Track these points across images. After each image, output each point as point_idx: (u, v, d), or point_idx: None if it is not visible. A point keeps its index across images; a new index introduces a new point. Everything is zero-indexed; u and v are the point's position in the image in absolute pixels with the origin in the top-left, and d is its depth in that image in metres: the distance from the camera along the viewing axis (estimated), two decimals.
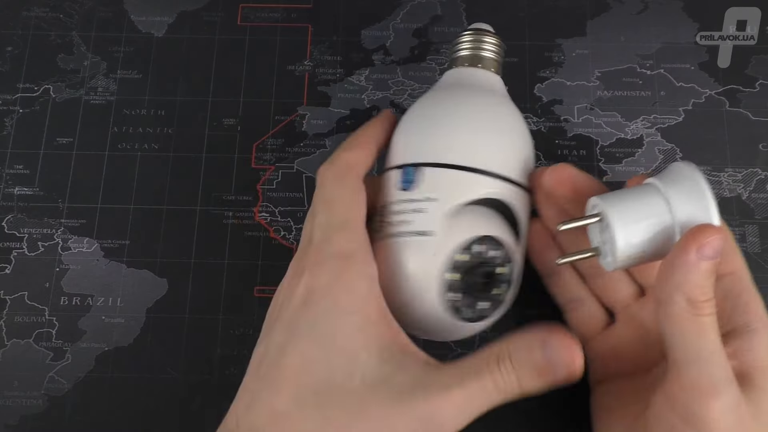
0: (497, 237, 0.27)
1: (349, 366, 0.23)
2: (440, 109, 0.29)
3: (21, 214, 0.38)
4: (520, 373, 0.24)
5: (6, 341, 0.36)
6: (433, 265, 0.26)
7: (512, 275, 0.28)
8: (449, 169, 0.27)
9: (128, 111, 0.40)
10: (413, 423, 0.22)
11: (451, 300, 0.27)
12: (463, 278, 0.27)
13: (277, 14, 0.42)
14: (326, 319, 0.23)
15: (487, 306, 0.27)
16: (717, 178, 0.38)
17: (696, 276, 0.24)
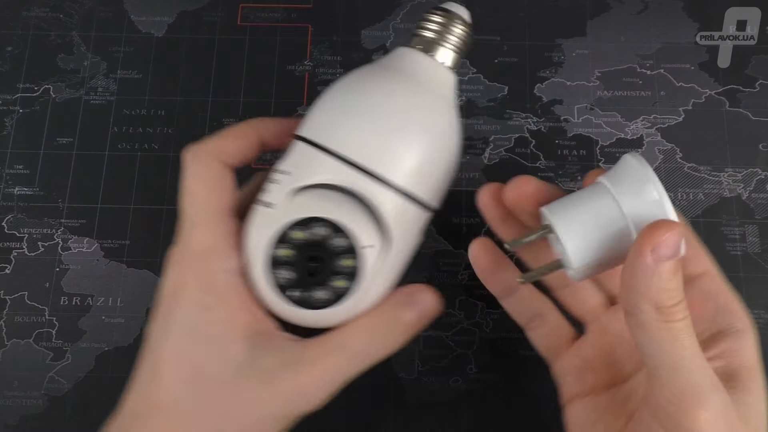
0: (341, 224, 0.25)
1: (220, 356, 0.24)
2: (352, 88, 0.27)
3: (21, 214, 0.38)
4: (386, 335, 0.25)
5: (6, 341, 0.36)
6: (265, 235, 0.25)
7: (359, 271, 0.25)
8: (313, 147, 0.26)
9: (128, 111, 0.40)
10: (283, 400, 0.23)
11: (279, 277, 0.25)
12: (297, 257, 0.25)
13: (277, 14, 0.42)
14: (193, 315, 0.24)
15: (325, 296, 0.25)
16: (717, 178, 0.38)
17: (658, 280, 0.22)
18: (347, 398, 0.35)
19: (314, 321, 0.26)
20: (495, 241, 0.30)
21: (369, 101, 0.26)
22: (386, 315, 0.26)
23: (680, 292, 0.23)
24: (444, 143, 0.27)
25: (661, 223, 0.22)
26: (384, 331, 0.25)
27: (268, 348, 0.25)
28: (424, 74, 0.28)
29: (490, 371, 0.35)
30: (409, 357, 0.35)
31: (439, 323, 0.36)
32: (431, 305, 0.26)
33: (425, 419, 0.34)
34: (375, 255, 0.26)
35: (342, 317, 0.26)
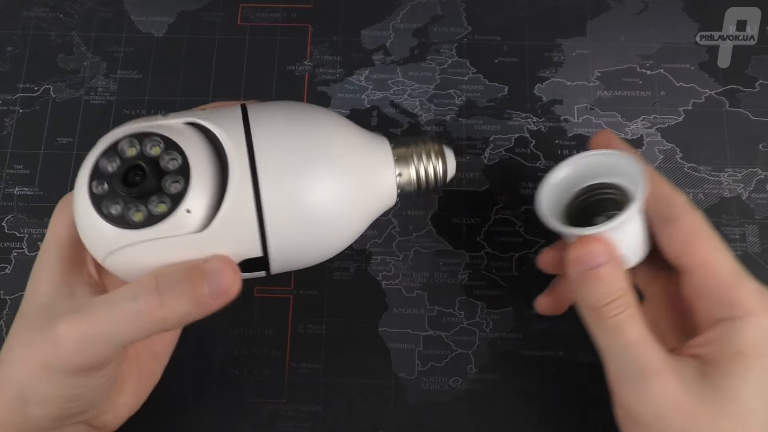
0: (177, 143, 0.24)
1: (32, 296, 0.27)
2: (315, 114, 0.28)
3: (21, 214, 0.38)
4: (166, 293, 0.24)
5: None
6: (100, 145, 0.25)
7: (182, 197, 0.24)
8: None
9: (128, 111, 0.40)
10: (48, 346, 0.24)
11: (96, 188, 0.24)
12: (119, 170, 0.24)
13: (277, 14, 0.42)
14: (36, 260, 0.28)
15: (141, 217, 0.24)
16: (717, 178, 0.38)
17: (586, 288, 0.27)
18: (347, 398, 0.35)
19: (126, 241, 0.24)
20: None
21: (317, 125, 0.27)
22: (171, 272, 0.24)
23: (613, 292, 0.26)
24: (330, 214, 0.27)
25: (584, 240, 0.27)
26: (172, 293, 0.24)
27: (73, 295, 0.26)
28: (374, 165, 0.28)
29: (490, 371, 0.35)
30: (409, 357, 0.35)
31: (439, 323, 0.36)
32: (226, 285, 0.24)
33: (425, 419, 0.34)
34: (204, 194, 0.24)
35: (152, 246, 0.24)
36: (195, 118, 0.26)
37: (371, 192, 0.28)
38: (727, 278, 0.27)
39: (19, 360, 0.25)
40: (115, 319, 0.24)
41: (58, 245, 0.27)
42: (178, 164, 0.24)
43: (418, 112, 0.40)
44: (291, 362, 0.35)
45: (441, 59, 0.41)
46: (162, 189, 0.24)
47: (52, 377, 0.25)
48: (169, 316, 0.24)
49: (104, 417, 0.29)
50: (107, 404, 0.28)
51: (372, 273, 0.37)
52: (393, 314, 0.36)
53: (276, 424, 0.34)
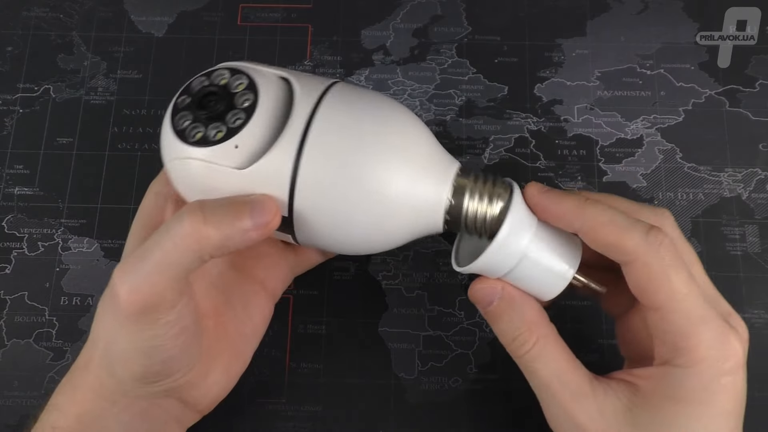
0: (241, 68, 0.27)
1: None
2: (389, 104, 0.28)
3: (21, 214, 0.38)
4: (210, 214, 0.25)
5: (6, 341, 0.36)
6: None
7: (255, 105, 0.26)
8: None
9: (128, 111, 0.40)
10: (107, 296, 0.26)
11: (177, 123, 0.26)
12: (195, 101, 0.27)
13: (277, 14, 0.42)
14: (131, 229, 0.30)
15: (221, 132, 0.26)
16: (717, 178, 0.38)
17: (492, 325, 0.28)
18: (347, 398, 0.35)
19: (181, 154, 0.26)
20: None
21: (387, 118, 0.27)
22: (221, 202, 0.25)
23: (515, 328, 0.27)
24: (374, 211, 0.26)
25: (477, 279, 0.28)
26: (215, 214, 0.25)
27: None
28: (428, 180, 0.27)
29: (490, 371, 0.35)
30: (409, 357, 0.35)
31: (439, 323, 0.36)
32: (267, 217, 0.25)
33: (425, 419, 0.34)
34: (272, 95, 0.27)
35: (198, 166, 0.26)
36: (287, 74, 0.28)
37: (414, 205, 0.27)
38: (680, 326, 0.25)
39: (103, 320, 0.27)
40: (161, 245, 0.24)
41: (146, 216, 0.29)
42: (248, 104, 0.26)
43: (418, 112, 0.40)
44: (291, 362, 0.35)
45: (441, 59, 0.41)
46: (225, 119, 0.26)
47: (123, 329, 0.25)
48: (212, 234, 0.24)
49: (194, 393, 0.29)
50: (197, 377, 0.28)
51: (372, 273, 0.37)
52: (393, 314, 0.36)
53: (276, 424, 0.34)
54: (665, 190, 0.38)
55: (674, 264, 0.25)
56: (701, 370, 0.25)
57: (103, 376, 0.27)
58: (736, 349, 0.25)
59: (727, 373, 0.25)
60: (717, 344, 0.25)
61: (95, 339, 0.27)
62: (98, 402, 0.27)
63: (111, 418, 0.27)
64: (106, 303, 0.26)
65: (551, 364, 0.27)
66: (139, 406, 0.27)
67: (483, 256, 0.26)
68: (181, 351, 0.27)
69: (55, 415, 0.27)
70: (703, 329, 0.25)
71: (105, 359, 0.27)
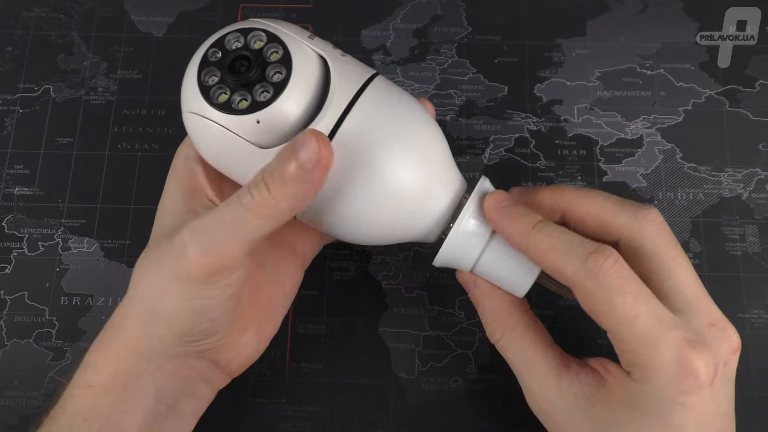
0: (280, 35, 0.26)
1: (159, 227, 0.29)
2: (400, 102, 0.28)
3: (21, 214, 0.38)
4: (270, 181, 0.25)
5: (6, 341, 0.36)
6: (207, 42, 0.26)
7: (286, 83, 0.25)
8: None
9: (128, 111, 0.40)
10: (172, 254, 0.26)
11: (204, 78, 0.26)
12: (225, 61, 0.26)
13: (277, 14, 0.42)
14: (162, 197, 0.30)
15: (246, 103, 0.25)
16: (717, 178, 0.38)
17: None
18: (347, 398, 0.35)
19: (231, 125, 0.25)
20: None
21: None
22: (272, 163, 0.25)
23: (484, 321, 0.30)
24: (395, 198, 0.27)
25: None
26: (274, 179, 0.25)
27: (196, 211, 0.28)
28: (433, 188, 0.28)
29: (490, 371, 0.35)
30: (409, 357, 0.35)
31: (439, 323, 0.36)
32: (316, 152, 0.24)
33: (425, 419, 0.34)
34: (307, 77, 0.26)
35: (216, 129, 0.25)
36: (326, 54, 0.27)
37: (415, 209, 0.27)
38: (633, 346, 0.25)
39: (149, 277, 0.27)
40: (234, 214, 0.25)
41: (179, 178, 0.29)
42: (279, 79, 0.25)
43: None
44: (291, 362, 0.35)
45: (441, 59, 0.41)
46: (252, 90, 0.25)
47: (181, 287, 0.26)
48: (280, 201, 0.25)
49: (227, 354, 0.29)
50: (231, 339, 0.29)
51: (372, 273, 0.37)
52: (393, 314, 0.36)
53: (276, 424, 0.34)
54: (665, 190, 0.38)
55: (618, 288, 0.25)
56: (656, 389, 0.25)
57: (140, 334, 0.27)
58: (695, 369, 0.24)
59: (683, 393, 0.25)
60: (672, 366, 0.24)
61: (134, 297, 0.27)
62: (133, 360, 0.27)
63: (146, 377, 0.27)
64: (166, 262, 0.26)
65: (519, 354, 0.29)
66: (173, 366, 0.28)
67: (443, 247, 0.27)
68: (227, 311, 0.27)
69: (89, 374, 0.27)
70: (655, 351, 0.24)
71: (147, 316, 0.27)
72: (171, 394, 0.28)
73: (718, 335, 0.26)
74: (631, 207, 0.28)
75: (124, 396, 0.27)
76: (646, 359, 0.25)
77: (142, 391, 0.27)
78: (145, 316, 0.27)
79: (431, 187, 0.27)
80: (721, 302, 0.36)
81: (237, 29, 0.26)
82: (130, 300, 0.28)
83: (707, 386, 0.25)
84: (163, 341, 0.27)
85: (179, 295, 0.26)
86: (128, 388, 0.27)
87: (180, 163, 0.30)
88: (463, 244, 0.28)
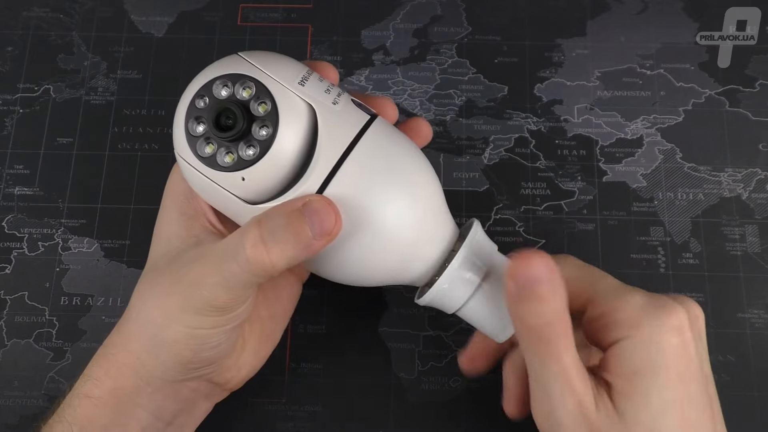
0: (271, 90, 0.25)
1: (160, 249, 0.28)
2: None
3: (21, 214, 0.38)
4: (270, 242, 0.24)
5: (6, 341, 0.36)
6: (196, 84, 0.25)
7: (270, 144, 0.24)
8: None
9: (128, 111, 0.40)
10: (183, 290, 0.26)
11: (191, 127, 0.25)
12: (211, 111, 0.24)
13: (277, 14, 0.42)
14: (159, 217, 0.29)
15: (228, 161, 0.24)
16: (717, 178, 0.38)
17: (525, 306, 0.26)
18: (347, 398, 0.35)
19: (218, 179, 0.25)
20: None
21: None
22: (273, 219, 0.25)
23: (549, 313, 0.26)
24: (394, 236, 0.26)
25: (525, 254, 0.26)
26: (277, 241, 0.25)
27: (196, 245, 0.27)
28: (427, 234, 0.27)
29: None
30: (409, 357, 0.35)
31: (439, 323, 0.36)
32: (328, 227, 0.24)
33: (425, 419, 0.34)
34: (294, 140, 0.25)
35: (205, 181, 0.25)
36: (315, 105, 0.25)
37: (406, 260, 0.27)
38: (611, 303, 0.26)
39: (155, 304, 0.27)
40: (231, 267, 0.25)
41: (177, 202, 0.29)
42: (265, 136, 0.24)
43: (418, 112, 0.40)
44: (291, 362, 0.35)
45: (441, 59, 0.41)
46: (238, 146, 0.24)
47: (187, 316, 0.26)
48: (276, 261, 0.25)
49: (226, 374, 0.30)
50: (230, 360, 0.29)
51: None
52: (393, 314, 0.36)
53: (276, 424, 0.34)
54: (665, 190, 0.38)
55: (604, 274, 0.28)
56: (643, 334, 0.25)
57: (142, 357, 0.27)
58: (675, 310, 0.26)
59: (671, 331, 0.25)
60: (652, 308, 0.26)
61: (137, 318, 0.27)
62: (132, 379, 0.27)
63: (144, 396, 0.27)
64: (175, 293, 0.26)
65: (573, 353, 0.26)
66: (172, 389, 0.28)
67: (432, 291, 0.27)
68: (229, 339, 0.28)
69: (89, 385, 0.27)
70: (630, 298, 0.26)
71: (150, 341, 0.27)
72: (169, 412, 0.28)
73: (679, 296, 0.27)
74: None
75: (122, 410, 0.27)
76: (626, 307, 0.26)
77: (139, 407, 0.27)
78: (148, 341, 0.27)
79: (424, 237, 0.27)
80: (721, 302, 0.36)
81: (226, 74, 0.25)
82: (133, 320, 0.27)
83: (689, 329, 0.26)
84: (165, 366, 0.27)
85: (185, 324, 0.26)
86: (126, 403, 0.27)
87: (176, 185, 0.29)
88: (453, 290, 0.27)
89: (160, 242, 0.28)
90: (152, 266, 0.28)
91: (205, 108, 0.25)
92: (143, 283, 0.28)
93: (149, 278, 0.28)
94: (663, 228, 0.37)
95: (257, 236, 0.24)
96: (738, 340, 0.35)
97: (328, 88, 0.26)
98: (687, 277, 0.36)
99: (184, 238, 0.28)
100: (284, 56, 0.27)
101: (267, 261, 0.24)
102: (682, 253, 0.37)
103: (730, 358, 0.35)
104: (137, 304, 0.27)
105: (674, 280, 0.36)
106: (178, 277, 0.26)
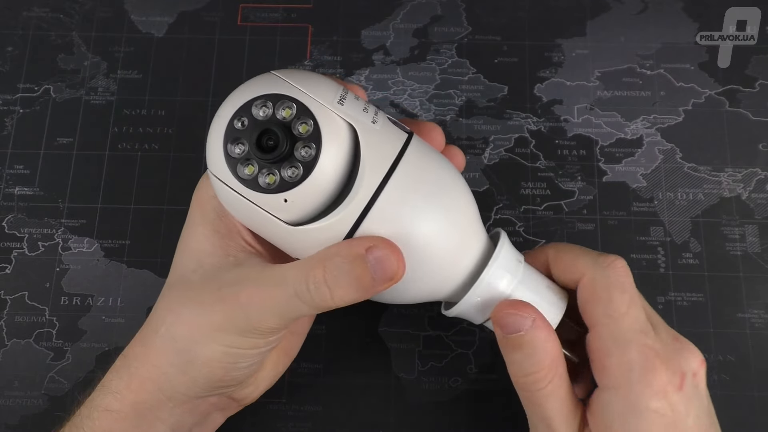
0: (311, 110, 0.24)
1: (190, 263, 0.27)
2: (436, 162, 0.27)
3: (21, 214, 0.38)
4: (334, 286, 0.25)
5: (6, 341, 0.36)
6: (232, 105, 0.25)
7: (313, 166, 0.24)
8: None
9: (128, 111, 0.40)
10: (227, 310, 0.25)
11: (231, 150, 0.24)
12: (251, 132, 0.24)
13: (277, 14, 0.42)
14: (186, 231, 0.29)
15: (271, 182, 0.24)
16: (717, 178, 0.38)
17: (512, 355, 0.27)
18: (347, 398, 0.35)
19: (259, 201, 0.25)
20: None
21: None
22: (337, 263, 0.24)
23: (526, 367, 0.26)
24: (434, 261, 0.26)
25: (508, 301, 0.27)
26: (340, 285, 0.25)
27: (238, 265, 0.27)
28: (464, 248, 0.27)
29: (490, 371, 0.35)
30: (409, 357, 0.35)
31: (439, 323, 0.36)
32: (391, 273, 0.25)
33: (425, 419, 0.34)
34: (333, 166, 0.24)
35: (245, 204, 0.25)
36: (357, 125, 0.25)
37: (449, 275, 0.27)
38: (606, 344, 0.26)
39: (190, 320, 0.26)
40: (289, 300, 0.25)
41: (208, 219, 0.28)
42: (308, 157, 0.24)
43: (418, 112, 0.40)
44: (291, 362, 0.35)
45: (441, 59, 0.41)
46: (280, 168, 0.24)
47: (228, 338, 0.26)
48: (338, 302, 0.25)
49: (245, 390, 0.30)
50: (251, 377, 0.29)
51: None
52: (393, 314, 0.36)
53: (276, 424, 0.34)
54: (665, 190, 0.38)
55: (621, 284, 0.27)
56: (625, 391, 0.25)
57: (172, 373, 0.26)
58: (658, 372, 0.25)
59: (653, 397, 0.25)
60: (640, 368, 0.25)
61: (164, 333, 0.27)
62: (156, 395, 0.27)
63: (165, 410, 0.27)
64: (215, 312, 0.26)
65: (557, 403, 0.26)
66: (191, 404, 0.28)
67: (465, 299, 0.27)
68: (261, 358, 0.28)
69: (109, 399, 0.27)
70: (624, 350, 0.26)
71: (185, 355, 0.26)
72: (186, 426, 0.28)
73: (682, 347, 0.27)
74: (593, 254, 0.28)
75: (141, 424, 0.27)
76: (615, 358, 0.26)
77: (159, 421, 0.27)
78: (177, 356, 0.26)
79: (467, 257, 0.27)
80: (721, 302, 0.36)
81: (264, 95, 0.24)
82: (161, 335, 0.27)
83: (675, 391, 0.25)
84: (193, 383, 0.27)
85: (223, 343, 0.26)
86: (147, 417, 0.27)
87: (205, 201, 0.28)
88: (483, 302, 0.27)
89: (190, 257, 0.28)
90: (180, 280, 0.27)
91: (245, 129, 0.24)
92: (172, 297, 0.27)
93: (179, 292, 0.27)
94: (663, 228, 0.37)
95: (321, 279, 0.24)
96: (738, 340, 0.35)
97: (365, 107, 0.26)
98: (687, 277, 0.36)
99: (219, 256, 0.27)
100: (319, 75, 0.26)
101: (330, 302, 0.25)
102: (682, 253, 0.37)
103: (730, 358, 0.35)
104: (167, 318, 0.27)
105: (674, 280, 0.37)
106: (220, 296, 0.26)
